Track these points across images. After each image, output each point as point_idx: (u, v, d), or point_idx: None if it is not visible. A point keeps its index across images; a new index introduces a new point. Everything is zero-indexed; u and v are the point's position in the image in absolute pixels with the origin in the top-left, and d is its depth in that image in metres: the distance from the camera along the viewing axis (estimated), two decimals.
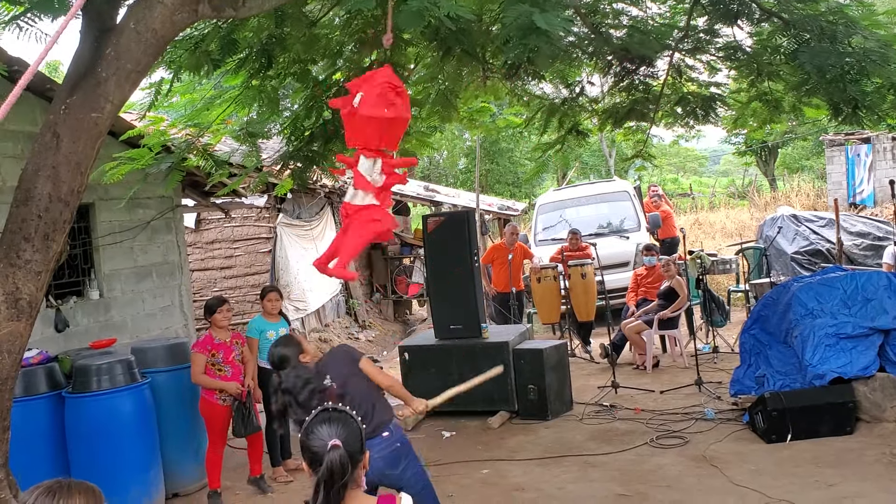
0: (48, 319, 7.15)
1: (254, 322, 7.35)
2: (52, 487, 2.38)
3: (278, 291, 7.47)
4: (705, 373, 8.91)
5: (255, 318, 7.38)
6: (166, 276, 9.05)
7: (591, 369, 10.40)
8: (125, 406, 6.21)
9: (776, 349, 7.72)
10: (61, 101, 4.44)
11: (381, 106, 4.44)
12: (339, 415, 2.53)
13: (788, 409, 6.70)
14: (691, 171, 47.61)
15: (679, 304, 9.92)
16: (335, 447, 2.41)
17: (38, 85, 6.90)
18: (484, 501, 6.09)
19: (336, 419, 2.50)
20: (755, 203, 26.38)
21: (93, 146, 4.49)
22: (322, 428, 2.47)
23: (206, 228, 12.96)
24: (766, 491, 5.69)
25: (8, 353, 4.40)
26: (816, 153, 33.44)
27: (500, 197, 25.49)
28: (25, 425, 5.63)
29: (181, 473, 6.81)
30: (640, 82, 7.88)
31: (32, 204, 4.40)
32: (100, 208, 8.04)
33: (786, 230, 13.90)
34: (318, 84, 7.00)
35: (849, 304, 7.46)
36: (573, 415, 8.27)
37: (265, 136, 7.65)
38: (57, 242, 4.52)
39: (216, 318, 6.54)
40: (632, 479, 6.29)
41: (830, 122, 10.93)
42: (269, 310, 7.23)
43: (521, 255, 12.01)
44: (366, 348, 13.53)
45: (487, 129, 10.75)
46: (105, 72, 4.37)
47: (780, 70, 7.08)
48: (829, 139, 21.48)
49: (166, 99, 6.32)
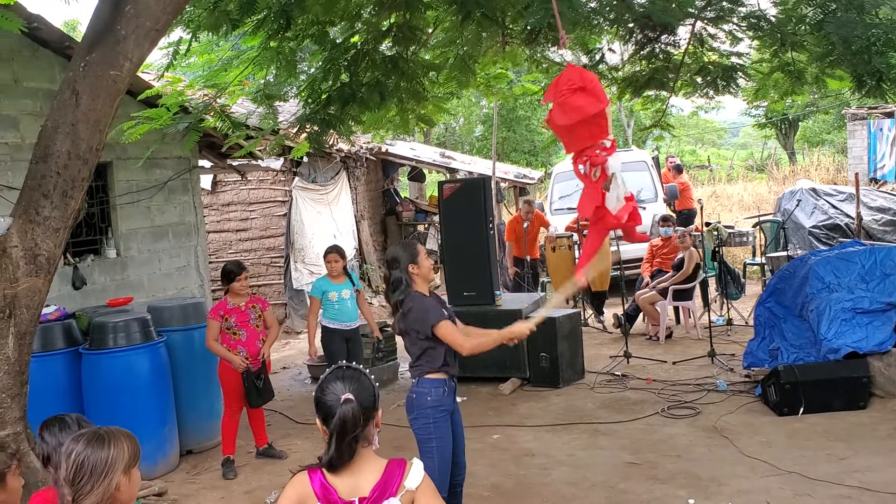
0: (66, 277, 7.21)
1: (317, 282, 7.40)
2: (99, 435, 2.47)
3: (339, 252, 7.35)
4: (718, 345, 8.90)
5: (320, 279, 7.42)
6: (182, 236, 9.09)
7: (604, 339, 10.41)
8: (141, 363, 6.27)
9: (791, 322, 7.70)
10: (80, 58, 4.44)
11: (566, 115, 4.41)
12: (352, 372, 2.56)
13: (802, 382, 6.69)
14: (710, 143, 47.18)
15: (678, 278, 9.86)
16: (348, 400, 2.45)
17: (57, 42, 6.90)
18: (494, 466, 6.14)
19: (349, 376, 2.53)
20: (773, 176, 26.15)
21: (111, 104, 4.50)
22: (336, 384, 2.50)
23: (222, 190, 12.98)
24: (776, 463, 5.71)
25: (27, 308, 4.46)
26: (837, 127, 33.10)
27: (516, 165, 25.37)
28: (43, 380, 5.71)
29: (195, 431, 6.89)
30: (660, 50, 7.78)
31: (51, 161, 4.42)
32: (118, 167, 8.07)
33: (804, 204, 13.77)
34: (336, 47, 6.97)
35: (866, 278, 7.41)
36: (584, 383, 8.29)
37: (282, 98, 7.63)
38: (75, 200, 4.55)
39: (234, 286, 6.43)
40: (642, 447, 6.31)
41: (853, 95, 10.78)
42: (331, 271, 7.25)
43: (538, 223, 12.00)
44: (379, 313, 13.57)
45: (505, 95, 10.68)
46: (124, 30, 4.37)
47: (805, 40, 6.98)
48: (852, 113, 21.21)
49: (184, 59, 6.30)
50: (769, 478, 5.48)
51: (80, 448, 2.41)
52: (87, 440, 2.44)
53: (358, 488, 2.47)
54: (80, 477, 2.38)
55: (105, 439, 2.45)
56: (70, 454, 2.40)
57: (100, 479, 2.39)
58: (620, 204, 4.53)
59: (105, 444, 2.43)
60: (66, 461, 2.40)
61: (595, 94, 4.51)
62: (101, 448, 2.42)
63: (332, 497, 2.45)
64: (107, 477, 2.40)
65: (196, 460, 6.78)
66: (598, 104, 4.51)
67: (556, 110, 4.49)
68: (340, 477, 2.47)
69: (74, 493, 2.38)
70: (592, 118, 4.43)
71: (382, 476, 2.49)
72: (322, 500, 2.45)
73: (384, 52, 7.32)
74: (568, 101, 4.45)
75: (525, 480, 5.81)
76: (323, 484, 2.46)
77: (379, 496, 2.47)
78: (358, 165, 15.00)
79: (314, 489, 2.46)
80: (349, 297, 7.26)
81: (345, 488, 2.47)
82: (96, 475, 2.39)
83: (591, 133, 4.47)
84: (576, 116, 4.42)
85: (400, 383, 9.05)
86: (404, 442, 6.77)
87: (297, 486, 2.49)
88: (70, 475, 2.38)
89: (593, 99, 4.47)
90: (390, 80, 7.23)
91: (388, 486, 2.48)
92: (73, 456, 2.40)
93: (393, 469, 2.52)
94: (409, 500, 2.49)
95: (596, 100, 4.49)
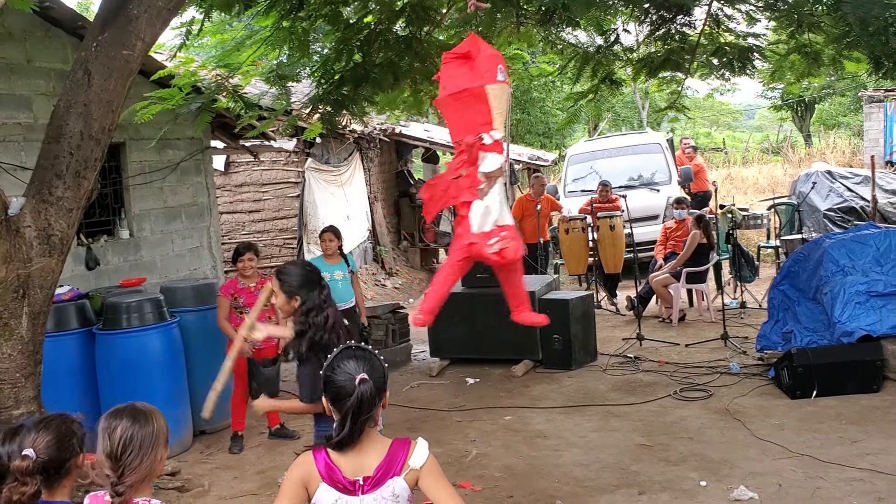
0: (79, 257, 7.24)
1: (311, 261, 7.35)
2: (139, 410, 2.49)
3: (334, 231, 7.34)
4: (732, 328, 8.87)
5: (314, 258, 7.39)
6: (195, 217, 9.11)
7: (617, 321, 10.40)
8: (154, 343, 6.30)
9: (805, 305, 7.66)
10: (93, 38, 4.44)
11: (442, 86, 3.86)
12: (363, 352, 2.56)
13: (815, 365, 6.66)
14: (725, 126, 46.87)
15: (678, 260, 9.82)
16: (364, 380, 2.46)
17: (69, 22, 6.90)
18: (506, 447, 6.15)
19: (361, 356, 2.53)
20: (789, 159, 25.98)
21: (124, 84, 4.50)
22: (349, 363, 2.50)
23: (234, 171, 12.98)
24: (788, 445, 5.69)
25: (40, 288, 4.48)
26: (854, 110, 32.81)
27: (530, 147, 25.27)
28: (57, 360, 5.75)
29: None
30: (676, 31, 7.71)
31: (64, 141, 4.43)
32: (130, 148, 8.08)
33: (820, 186, 13.68)
34: (349, 27, 6.93)
35: (881, 261, 7.35)
36: (597, 365, 8.29)
37: (295, 78, 7.61)
38: (88, 180, 4.56)
39: (238, 265, 6.52)
40: (654, 429, 6.31)
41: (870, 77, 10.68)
42: (325, 250, 7.23)
43: (549, 206, 11.95)
44: (392, 295, 13.61)
45: (520, 76, 10.64)
46: (136, 9, 4.36)
47: (822, 21, 6.90)
48: (868, 95, 21.02)
49: (197, 39, 6.29)
50: (781, 460, 5.46)
51: (126, 424, 2.42)
52: (129, 416, 2.45)
53: (362, 468, 2.48)
54: (127, 452, 2.39)
55: (146, 414, 2.48)
56: (114, 430, 2.41)
57: (148, 452, 2.42)
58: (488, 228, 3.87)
59: (148, 419, 2.46)
60: (108, 437, 2.41)
61: (479, 70, 3.88)
62: (147, 422, 2.45)
63: (336, 476, 2.46)
64: (153, 451, 2.43)
65: (209, 440, 6.82)
66: (475, 79, 3.88)
67: (441, 83, 3.93)
68: (345, 456, 2.48)
69: (120, 469, 2.38)
70: (473, 101, 3.83)
71: (387, 456, 2.50)
72: (327, 480, 2.46)
73: (398, 33, 7.28)
74: (445, 69, 3.92)
75: (537, 462, 5.82)
76: (327, 463, 2.47)
77: (383, 475, 2.48)
78: (371, 147, 14.97)
79: (318, 469, 2.47)
80: (341, 279, 7.21)
81: (349, 468, 2.48)
82: (144, 449, 2.41)
83: (472, 121, 3.89)
84: (449, 88, 3.85)
85: (413, 365, 9.07)
86: (416, 423, 6.80)
87: (302, 467, 2.50)
88: (117, 451, 2.39)
89: (474, 74, 3.87)
90: (404, 60, 7.19)
91: (393, 465, 2.49)
92: (118, 431, 2.40)
93: (397, 449, 2.52)
94: (414, 479, 2.51)
95: (476, 75, 3.87)
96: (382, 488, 2.47)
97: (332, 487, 2.46)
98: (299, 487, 2.48)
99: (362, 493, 2.47)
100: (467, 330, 8.60)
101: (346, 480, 2.46)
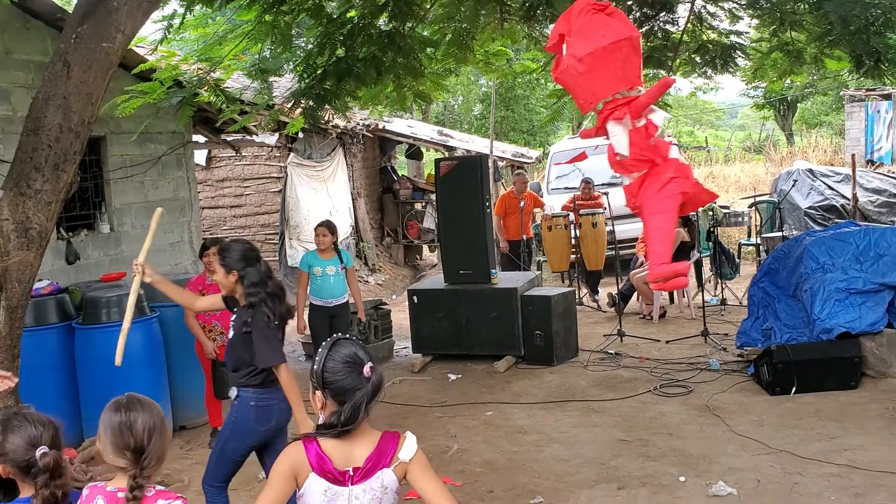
0: (59, 251, 7.19)
1: (305, 256, 7.33)
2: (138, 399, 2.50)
3: (328, 226, 7.21)
4: (712, 324, 8.92)
5: (308, 252, 7.36)
6: (176, 212, 9.06)
7: (598, 318, 10.43)
8: (134, 338, 6.22)
9: (785, 302, 7.71)
10: (72, 29, 4.40)
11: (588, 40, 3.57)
12: (359, 343, 2.58)
13: (794, 361, 6.70)
14: (707, 125, 47.08)
15: None
16: (374, 368, 2.48)
17: (48, 13, 6.84)
18: (487, 443, 6.16)
19: (360, 346, 2.55)
20: (771, 157, 26.10)
21: (104, 77, 4.47)
22: (356, 353, 2.51)
23: (216, 166, 12.94)
24: (767, 441, 5.73)
25: (18, 282, 4.45)
26: (836, 109, 33.02)
27: (514, 144, 25.29)
28: (36, 354, 5.71)
29: (188, 406, 6.88)
30: (659, 28, 7.75)
31: (43, 133, 4.40)
32: (111, 142, 8.02)
33: (801, 184, 13.76)
34: (332, 21, 6.91)
35: (861, 259, 7.40)
36: (578, 361, 8.31)
37: (277, 73, 7.58)
38: (67, 173, 4.53)
39: (203, 260, 6.26)
40: (634, 425, 6.33)
41: (851, 76, 10.76)
42: (319, 244, 7.14)
43: (532, 203, 11.96)
44: (375, 291, 13.59)
45: (504, 73, 10.63)
46: (117, 1, 4.33)
47: (804, 19, 6.96)
48: (850, 94, 21.20)
49: (178, 33, 6.25)
50: (760, 456, 5.50)
51: (145, 415, 2.44)
52: (141, 407, 2.47)
53: (353, 458, 2.48)
54: (152, 442, 2.42)
55: (150, 403, 2.50)
56: (134, 422, 2.42)
57: (162, 437, 2.46)
58: None
59: (154, 407, 2.49)
60: (128, 431, 2.41)
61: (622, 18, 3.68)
62: (155, 411, 2.48)
63: (327, 466, 2.46)
64: (165, 433, 2.48)
65: (189, 436, 6.79)
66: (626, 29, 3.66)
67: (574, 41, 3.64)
68: (336, 447, 2.48)
69: (144, 460, 2.40)
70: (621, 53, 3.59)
71: (377, 447, 2.51)
72: (317, 470, 2.46)
73: (381, 27, 7.27)
74: (590, 24, 3.60)
75: (518, 457, 5.83)
76: (318, 453, 2.47)
77: (373, 466, 2.48)
78: (354, 142, 14.94)
79: (309, 459, 2.46)
80: (334, 274, 7.13)
81: (340, 458, 2.47)
82: (164, 437, 2.46)
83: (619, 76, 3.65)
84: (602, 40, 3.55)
85: (395, 361, 9.06)
86: (398, 419, 6.80)
87: (292, 456, 2.49)
88: (143, 442, 2.40)
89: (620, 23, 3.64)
90: (387, 55, 7.18)
91: (382, 457, 2.50)
92: (139, 423, 2.42)
93: (387, 441, 2.53)
94: (403, 471, 2.51)
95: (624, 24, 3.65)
96: (372, 479, 2.48)
97: (322, 477, 2.45)
98: (289, 477, 2.47)
99: (352, 484, 2.47)
100: (450, 326, 8.60)
101: (336, 471, 2.46)
